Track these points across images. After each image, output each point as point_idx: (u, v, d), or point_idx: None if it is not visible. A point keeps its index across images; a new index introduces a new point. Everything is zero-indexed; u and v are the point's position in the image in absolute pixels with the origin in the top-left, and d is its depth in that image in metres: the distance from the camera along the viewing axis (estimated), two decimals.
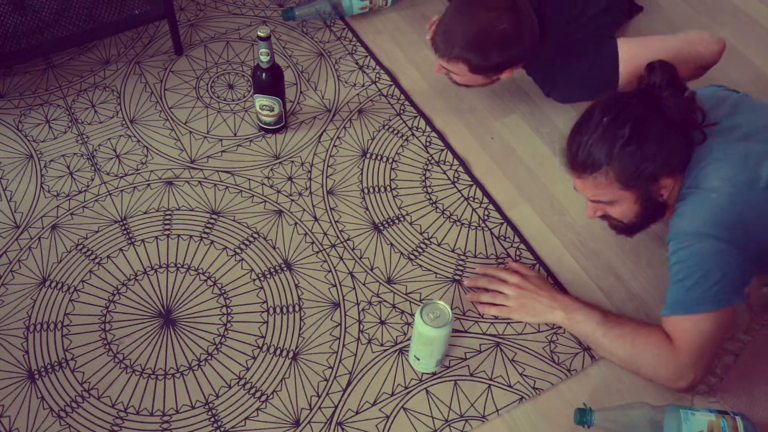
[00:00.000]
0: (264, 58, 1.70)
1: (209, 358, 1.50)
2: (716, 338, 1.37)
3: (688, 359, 1.37)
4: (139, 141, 1.83)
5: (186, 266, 1.62)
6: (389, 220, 1.72)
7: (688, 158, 1.40)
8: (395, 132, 1.88)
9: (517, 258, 1.66)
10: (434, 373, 1.49)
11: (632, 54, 1.69)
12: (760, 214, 1.34)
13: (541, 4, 1.74)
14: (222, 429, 1.42)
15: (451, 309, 1.40)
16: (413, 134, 1.88)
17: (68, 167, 1.78)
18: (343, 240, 1.68)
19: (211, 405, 1.45)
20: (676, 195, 1.42)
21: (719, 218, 1.33)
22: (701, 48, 1.70)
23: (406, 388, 1.48)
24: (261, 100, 1.78)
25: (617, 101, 1.40)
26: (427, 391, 1.47)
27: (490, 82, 1.80)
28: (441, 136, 1.87)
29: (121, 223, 1.68)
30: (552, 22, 1.74)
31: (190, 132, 1.86)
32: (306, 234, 1.68)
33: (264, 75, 1.74)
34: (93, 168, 1.78)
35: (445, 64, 1.74)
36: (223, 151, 1.82)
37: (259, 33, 1.66)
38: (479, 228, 1.71)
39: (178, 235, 1.67)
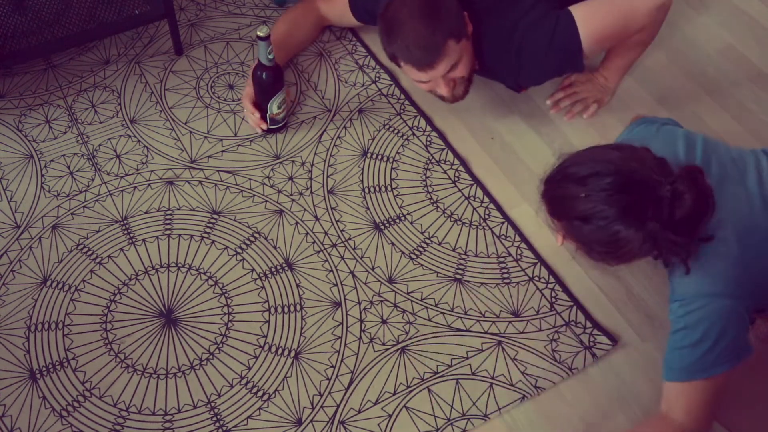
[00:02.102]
0: (271, 56, 1.70)
1: (211, 357, 1.50)
2: (719, 398, 1.31)
3: (700, 425, 1.31)
4: (139, 141, 1.83)
5: (187, 266, 1.62)
6: (390, 220, 1.72)
7: None
8: (395, 132, 1.88)
9: (518, 257, 1.66)
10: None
11: (588, 16, 1.66)
12: (763, 260, 1.29)
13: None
14: (224, 428, 1.42)
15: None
16: (413, 134, 1.88)
17: (68, 167, 1.78)
18: (344, 239, 1.68)
19: (213, 404, 1.45)
20: None
21: (729, 275, 1.26)
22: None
23: (408, 386, 1.48)
24: (278, 98, 1.78)
25: (625, 185, 1.22)
26: (429, 390, 1.47)
27: (472, 54, 1.72)
28: (441, 136, 1.87)
29: (121, 223, 1.68)
30: (487, 11, 1.72)
31: (191, 132, 1.85)
32: (307, 234, 1.68)
33: (274, 73, 1.74)
34: (93, 168, 1.78)
35: (444, 66, 1.63)
36: (223, 151, 1.82)
37: (258, 33, 1.66)
38: (480, 227, 1.71)
39: (179, 235, 1.67)
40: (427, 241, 1.68)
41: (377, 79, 1.99)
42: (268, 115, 1.80)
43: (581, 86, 1.91)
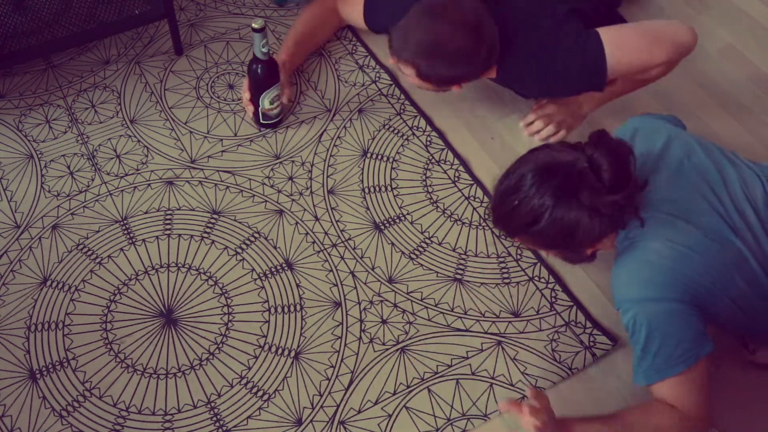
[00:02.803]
0: (265, 49, 1.70)
1: (211, 357, 1.50)
2: (705, 386, 1.33)
3: (700, 412, 1.33)
4: (139, 141, 1.83)
5: (187, 266, 1.62)
6: (390, 220, 1.72)
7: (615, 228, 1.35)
8: (395, 131, 1.88)
9: (519, 257, 1.66)
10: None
11: (616, 42, 1.66)
12: (702, 264, 1.31)
13: (505, 10, 1.72)
14: (224, 428, 1.42)
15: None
16: (413, 134, 1.88)
17: (68, 167, 1.78)
18: (344, 239, 1.68)
19: (213, 404, 1.45)
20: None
21: (661, 280, 1.30)
22: (679, 31, 1.66)
23: (408, 386, 1.48)
24: (271, 93, 1.78)
25: (546, 176, 1.29)
26: (429, 390, 1.47)
27: (440, 90, 1.76)
28: (441, 136, 1.87)
29: (121, 223, 1.68)
30: (519, 25, 1.72)
31: (191, 132, 1.85)
32: (307, 233, 1.68)
33: (268, 67, 1.74)
34: (93, 168, 1.78)
35: (395, 62, 1.71)
36: (223, 151, 1.82)
37: (253, 25, 1.66)
38: (480, 227, 1.71)
39: (179, 235, 1.67)
40: (427, 241, 1.68)
41: (377, 79, 1.99)
42: (260, 109, 1.80)
43: (554, 109, 1.86)
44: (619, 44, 1.66)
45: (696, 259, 1.30)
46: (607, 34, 1.66)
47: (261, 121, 1.84)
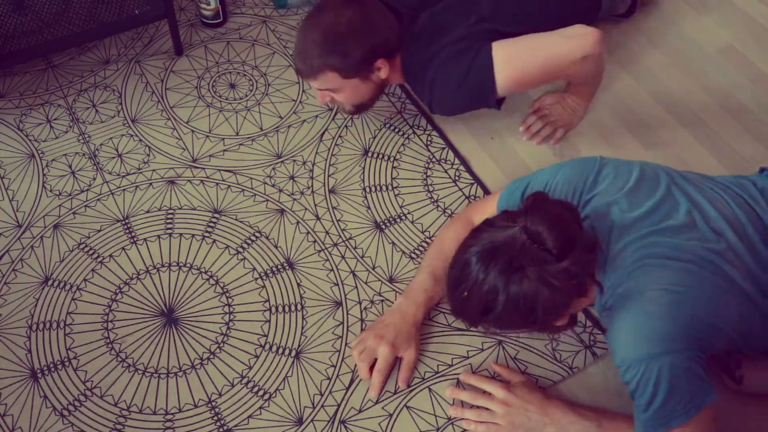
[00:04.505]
0: None
1: (212, 356, 1.50)
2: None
3: None
4: (141, 140, 1.83)
5: (188, 265, 1.62)
6: (391, 219, 1.72)
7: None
8: (396, 130, 1.88)
9: None
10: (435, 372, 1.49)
11: (508, 57, 1.65)
12: (702, 297, 1.26)
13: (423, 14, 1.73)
14: (225, 428, 1.42)
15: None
16: (414, 133, 1.88)
17: (70, 166, 1.78)
18: (344, 239, 1.68)
19: (214, 404, 1.45)
20: None
21: (665, 331, 1.23)
22: (579, 39, 1.64)
23: (409, 386, 1.48)
24: None
25: (489, 258, 1.23)
26: (430, 390, 1.47)
27: (377, 90, 1.74)
28: (442, 135, 1.87)
29: (123, 222, 1.68)
30: (431, 30, 1.71)
31: (192, 131, 1.86)
32: (308, 233, 1.69)
33: None
34: (95, 167, 1.78)
35: (317, 85, 1.69)
36: (225, 150, 1.82)
37: None
38: None
39: (180, 234, 1.67)
40: (428, 240, 1.69)
41: None
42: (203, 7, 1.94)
43: (551, 108, 1.86)
44: (512, 64, 1.65)
45: (696, 294, 1.25)
46: (500, 51, 1.65)
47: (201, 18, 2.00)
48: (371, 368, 1.47)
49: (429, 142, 1.86)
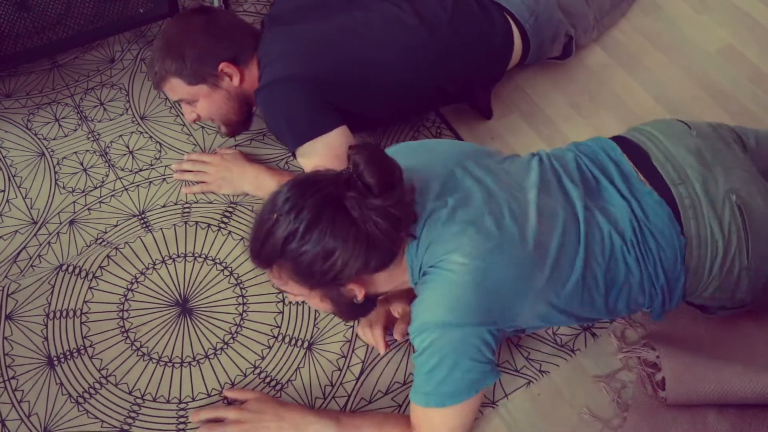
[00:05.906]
0: None
1: (225, 347, 1.52)
2: (465, 425, 1.33)
3: None
4: (151, 137, 1.86)
5: (203, 256, 1.64)
6: None
7: (392, 257, 1.25)
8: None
9: None
10: None
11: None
12: (508, 279, 1.24)
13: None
14: None
15: None
16: (423, 125, 1.90)
17: (81, 164, 1.80)
18: None
19: None
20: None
21: (463, 303, 1.21)
22: None
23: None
24: None
25: (306, 186, 1.20)
26: None
27: (238, 102, 1.69)
28: (442, 134, 1.89)
29: (139, 217, 1.70)
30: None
31: (202, 127, 1.88)
32: None
33: None
34: (107, 164, 1.80)
35: (170, 96, 1.68)
36: (236, 146, 1.84)
37: None
38: None
39: (196, 222, 1.68)
40: None
41: None
42: None
43: (206, 165, 1.76)
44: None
45: (499, 262, 1.23)
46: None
47: None
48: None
49: (438, 135, 1.88)
